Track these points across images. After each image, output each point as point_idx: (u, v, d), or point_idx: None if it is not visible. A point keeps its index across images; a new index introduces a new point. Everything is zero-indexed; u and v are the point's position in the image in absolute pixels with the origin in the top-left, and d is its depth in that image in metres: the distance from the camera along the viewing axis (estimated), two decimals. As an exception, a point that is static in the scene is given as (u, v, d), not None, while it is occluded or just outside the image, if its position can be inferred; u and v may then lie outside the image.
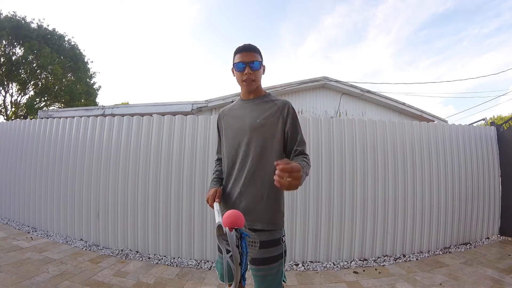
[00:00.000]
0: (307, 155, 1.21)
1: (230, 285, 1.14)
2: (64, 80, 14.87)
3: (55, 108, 14.89)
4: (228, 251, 0.88)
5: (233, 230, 0.88)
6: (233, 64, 1.24)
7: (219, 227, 0.93)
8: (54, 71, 13.68)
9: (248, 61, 1.18)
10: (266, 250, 1.13)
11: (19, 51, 13.86)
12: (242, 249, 0.88)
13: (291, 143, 1.21)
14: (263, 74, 1.28)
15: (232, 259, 0.85)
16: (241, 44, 1.25)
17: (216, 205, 1.14)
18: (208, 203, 1.22)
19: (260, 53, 1.25)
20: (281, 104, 1.24)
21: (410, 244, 3.11)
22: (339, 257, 2.93)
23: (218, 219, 1.01)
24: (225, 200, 1.25)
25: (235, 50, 1.25)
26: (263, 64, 1.27)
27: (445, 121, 7.79)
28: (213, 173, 1.41)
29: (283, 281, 1.20)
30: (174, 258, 2.88)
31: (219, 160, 1.44)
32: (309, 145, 3.00)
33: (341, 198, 2.97)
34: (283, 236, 1.20)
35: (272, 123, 1.21)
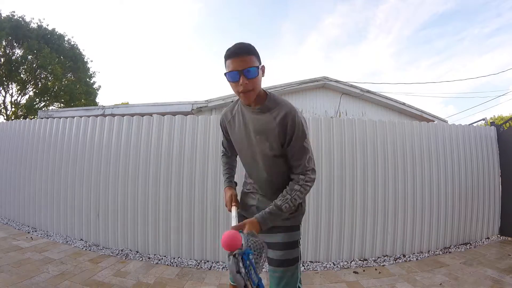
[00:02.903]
0: (307, 179, 1.07)
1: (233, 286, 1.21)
2: (64, 80, 14.86)
3: (55, 108, 14.89)
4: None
5: (231, 256, 0.85)
6: (226, 71, 1.05)
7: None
8: (53, 71, 13.67)
9: (241, 68, 0.99)
10: (285, 252, 1.14)
11: (18, 51, 13.86)
12: (246, 269, 0.85)
13: (290, 161, 1.12)
14: (263, 76, 1.10)
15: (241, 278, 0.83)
16: (231, 46, 1.03)
17: (233, 209, 1.16)
18: (226, 207, 1.26)
19: (256, 53, 1.04)
20: (281, 118, 1.07)
21: (410, 244, 3.11)
22: (339, 257, 2.92)
23: (234, 222, 1.02)
24: (243, 205, 1.31)
25: (225, 53, 1.04)
26: (262, 65, 1.07)
27: (445, 121, 7.80)
28: (224, 169, 1.43)
29: (299, 286, 1.19)
30: (174, 258, 2.88)
31: (223, 152, 1.46)
32: (309, 145, 2.99)
33: (341, 198, 2.97)
34: (299, 239, 1.20)
35: (270, 139, 1.10)
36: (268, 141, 1.11)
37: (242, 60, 0.99)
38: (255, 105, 1.13)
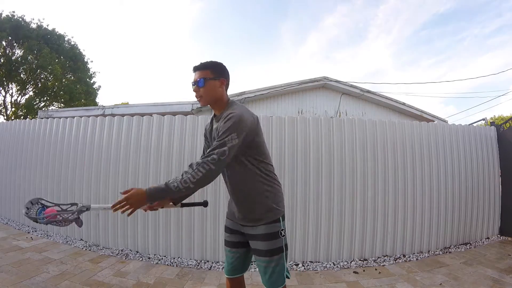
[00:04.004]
0: (209, 157, 1.09)
1: (232, 278, 1.39)
2: (63, 80, 14.85)
3: (55, 108, 14.88)
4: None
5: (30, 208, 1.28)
6: None
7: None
8: (53, 71, 13.65)
9: (194, 80, 1.26)
10: (267, 243, 1.22)
11: (18, 51, 13.85)
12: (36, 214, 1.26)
13: None
14: (220, 88, 1.26)
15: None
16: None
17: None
18: None
19: (214, 68, 1.26)
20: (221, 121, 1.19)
21: (410, 244, 3.11)
22: (339, 257, 2.93)
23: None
24: (230, 212, 1.42)
25: None
26: (221, 78, 1.25)
27: (445, 121, 7.80)
28: None
29: (287, 276, 1.25)
30: (174, 258, 2.88)
31: None
32: (309, 145, 3.00)
33: (341, 198, 2.97)
34: (282, 230, 1.25)
35: None
36: None
37: (196, 74, 1.27)
38: (219, 111, 1.30)
